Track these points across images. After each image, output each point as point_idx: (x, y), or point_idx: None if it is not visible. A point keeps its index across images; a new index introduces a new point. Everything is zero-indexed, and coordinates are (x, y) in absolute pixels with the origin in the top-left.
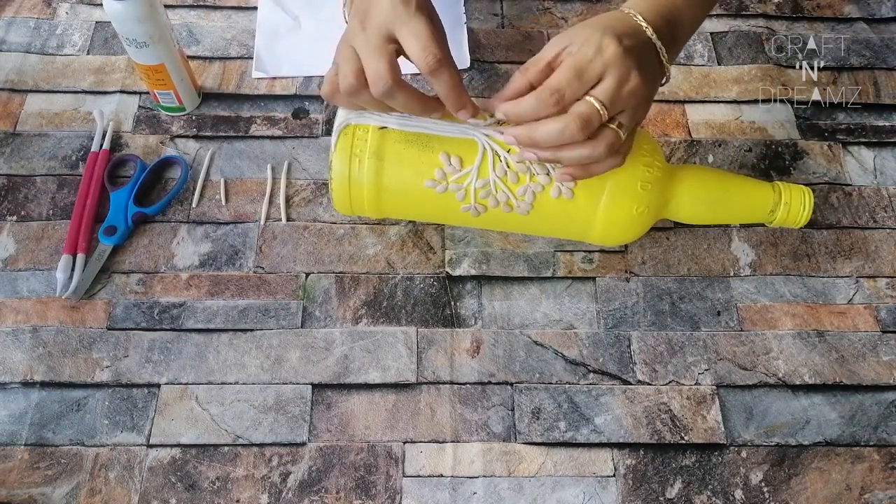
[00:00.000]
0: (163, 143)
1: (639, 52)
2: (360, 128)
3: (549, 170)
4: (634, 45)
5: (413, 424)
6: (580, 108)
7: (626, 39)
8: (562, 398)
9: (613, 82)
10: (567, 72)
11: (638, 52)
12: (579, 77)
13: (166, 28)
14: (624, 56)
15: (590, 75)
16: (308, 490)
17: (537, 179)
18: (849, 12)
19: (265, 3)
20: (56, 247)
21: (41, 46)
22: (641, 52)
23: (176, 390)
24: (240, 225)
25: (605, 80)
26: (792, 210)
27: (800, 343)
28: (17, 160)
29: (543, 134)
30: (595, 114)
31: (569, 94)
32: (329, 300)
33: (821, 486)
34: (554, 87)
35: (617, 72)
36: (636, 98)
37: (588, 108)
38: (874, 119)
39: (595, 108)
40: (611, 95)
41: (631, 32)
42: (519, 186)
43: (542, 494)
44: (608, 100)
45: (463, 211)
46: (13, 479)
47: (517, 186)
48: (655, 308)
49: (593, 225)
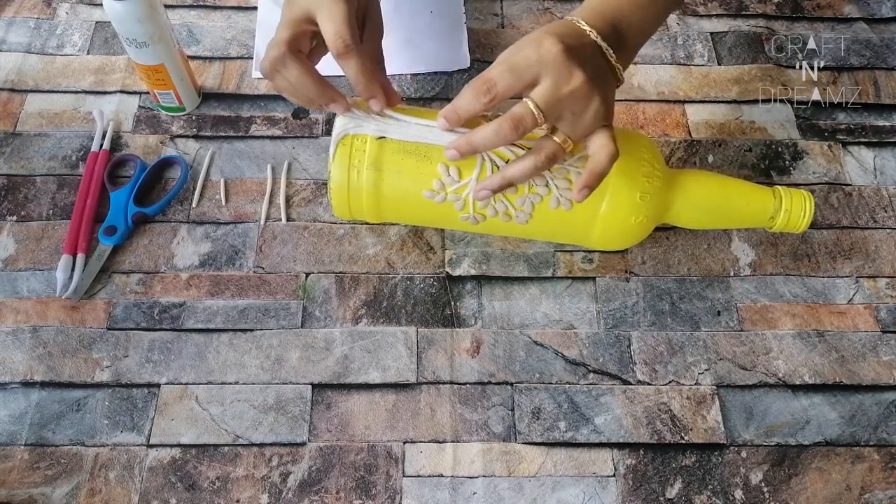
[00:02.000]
0: (163, 143)
1: (581, 53)
2: (358, 138)
3: (548, 180)
4: (576, 45)
5: (413, 424)
6: (513, 109)
7: (567, 39)
8: (562, 398)
9: (550, 83)
10: (501, 65)
11: (580, 53)
12: (512, 71)
13: (166, 28)
14: (564, 56)
15: (525, 73)
16: (308, 490)
17: (536, 190)
18: (849, 12)
19: (265, 3)
20: (56, 247)
21: (41, 46)
22: (584, 52)
23: (176, 390)
24: (240, 225)
25: (542, 81)
26: (792, 216)
27: (800, 343)
28: (17, 160)
29: (480, 137)
30: (528, 113)
31: (501, 87)
32: (329, 300)
33: (821, 486)
34: (486, 77)
35: (555, 73)
36: (578, 100)
37: (521, 108)
38: (874, 119)
39: (528, 108)
40: (547, 97)
41: (573, 34)
42: (518, 197)
43: (542, 494)
44: (544, 101)
45: (462, 220)
46: (13, 479)
47: (516, 197)
48: (655, 308)
49: (592, 233)
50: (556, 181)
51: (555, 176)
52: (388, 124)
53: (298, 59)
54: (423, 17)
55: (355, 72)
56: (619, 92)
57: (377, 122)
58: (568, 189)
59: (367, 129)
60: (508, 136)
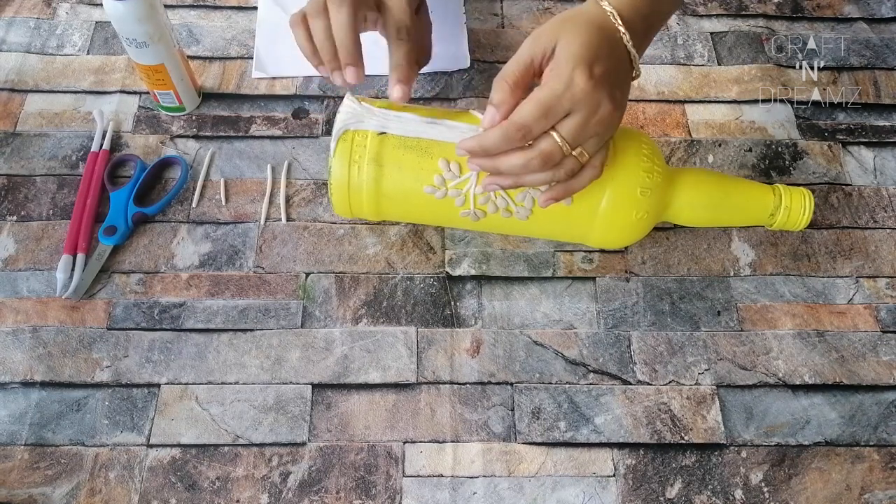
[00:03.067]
0: (163, 143)
1: (610, 77)
2: (358, 133)
3: None
4: (606, 70)
5: (413, 424)
6: (543, 146)
7: (597, 66)
8: (562, 398)
9: (580, 119)
10: (535, 108)
11: (609, 78)
12: (546, 115)
13: (166, 28)
14: (594, 90)
15: (557, 112)
16: (308, 490)
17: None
18: (849, 12)
19: (265, 3)
20: (56, 247)
21: (41, 46)
22: (613, 74)
23: (176, 390)
24: (240, 225)
25: (572, 116)
26: (792, 213)
27: (800, 343)
28: (17, 160)
29: (507, 166)
30: (557, 151)
31: (535, 130)
32: (329, 300)
33: (821, 486)
34: (521, 123)
35: (585, 109)
36: (604, 126)
37: (551, 146)
38: (874, 119)
39: (557, 146)
40: (575, 132)
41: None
42: (518, 192)
43: (542, 494)
44: (571, 136)
45: (462, 216)
46: (13, 479)
47: (516, 192)
48: (655, 308)
49: (592, 230)
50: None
51: None
52: (390, 120)
53: (355, 9)
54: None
55: (404, 56)
56: None
57: (378, 118)
58: None
59: (368, 125)
60: (535, 170)
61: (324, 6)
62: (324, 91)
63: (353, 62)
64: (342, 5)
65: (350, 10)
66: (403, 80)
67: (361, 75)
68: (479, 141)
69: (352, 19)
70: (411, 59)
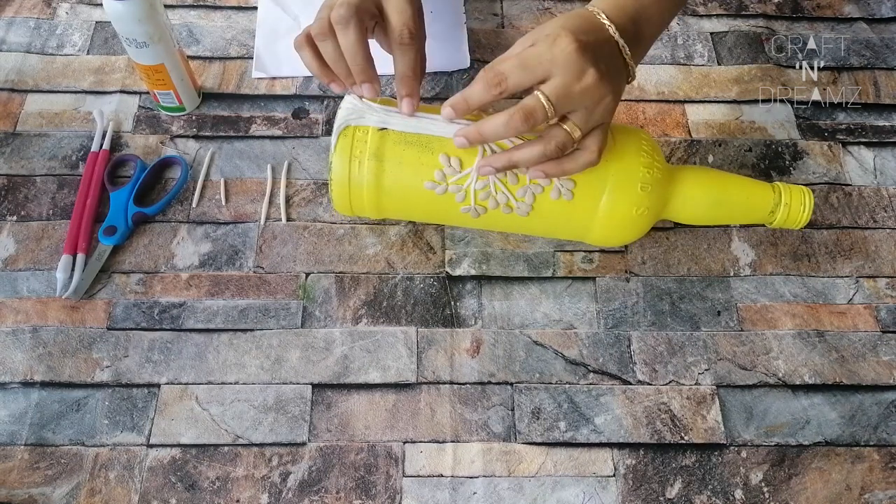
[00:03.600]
0: (163, 143)
1: (596, 50)
2: (359, 129)
3: None
4: (592, 41)
5: (413, 424)
6: (524, 101)
7: (583, 35)
8: (562, 398)
9: (561, 80)
10: (513, 60)
11: (595, 50)
12: (524, 66)
13: (166, 28)
14: (577, 53)
15: (537, 70)
16: (308, 490)
17: (537, 181)
18: (849, 12)
19: (265, 3)
20: (56, 247)
21: (41, 46)
22: (600, 49)
23: (176, 390)
24: (240, 225)
25: (554, 77)
26: (792, 211)
27: (800, 343)
28: (17, 160)
29: (490, 127)
30: (539, 107)
31: (511, 82)
32: (329, 300)
33: (821, 486)
34: (497, 69)
35: (567, 69)
36: (590, 96)
37: (532, 101)
38: (874, 119)
39: (540, 102)
40: (558, 92)
41: (591, 29)
42: (519, 188)
43: (542, 494)
44: (554, 96)
45: (463, 212)
46: (13, 479)
47: (517, 187)
48: (655, 308)
49: (593, 226)
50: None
51: None
52: (391, 116)
53: (362, 26)
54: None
55: (410, 65)
56: None
57: (379, 114)
58: (569, 179)
59: (369, 121)
60: (519, 127)
61: (329, 27)
62: (324, 91)
63: (367, 79)
64: (348, 26)
65: (357, 30)
66: (412, 93)
67: (378, 89)
68: (462, 94)
69: (360, 38)
70: (416, 68)
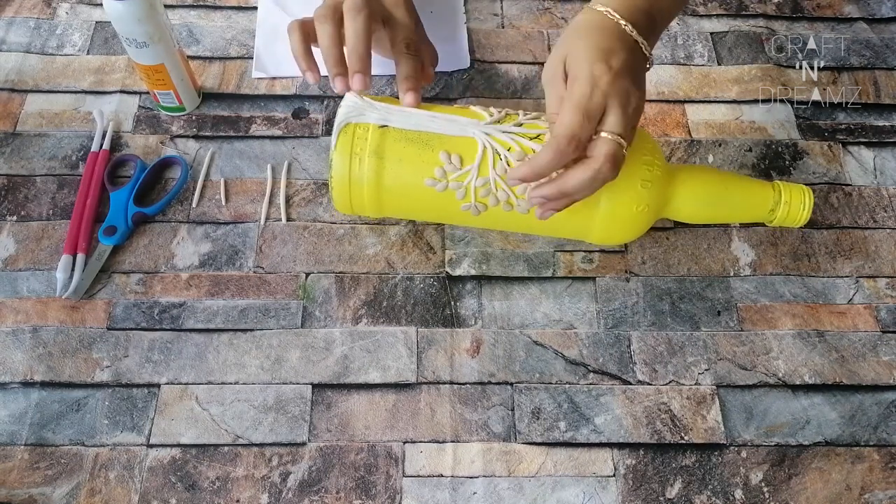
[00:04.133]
0: (163, 143)
1: (628, 66)
2: (360, 126)
3: None
4: (623, 60)
5: (413, 424)
6: (605, 149)
7: (613, 59)
8: (562, 398)
9: (619, 111)
10: (574, 114)
11: (628, 67)
12: (586, 116)
13: (166, 28)
14: (618, 80)
15: (594, 111)
16: (308, 490)
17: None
18: (849, 12)
19: (265, 3)
20: (56, 247)
21: (41, 46)
22: (630, 63)
23: (176, 390)
24: (240, 225)
25: (610, 112)
26: (792, 209)
27: (800, 343)
28: (17, 160)
29: (575, 184)
30: (619, 149)
31: (583, 136)
32: (329, 300)
33: (821, 486)
34: (568, 133)
35: (618, 100)
36: (638, 115)
37: (612, 147)
38: (874, 119)
39: (617, 144)
40: (622, 125)
41: (614, 46)
42: (519, 185)
43: (542, 494)
44: (622, 129)
45: (463, 210)
46: (13, 479)
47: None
48: (655, 308)
49: (593, 223)
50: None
51: None
52: (391, 113)
53: (371, 20)
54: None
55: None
56: None
57: (380, 112)
58: None
59: (369, 118)
60: (608, 177)
61: (333, 13)
62: (324, 91)
63: (362, 70)
64: (359, 14)
65: (366, 19)
66: (414, 88)
67: (368, 83)
68: (531, 165)
69: (367, 27)
70: (419, 70)
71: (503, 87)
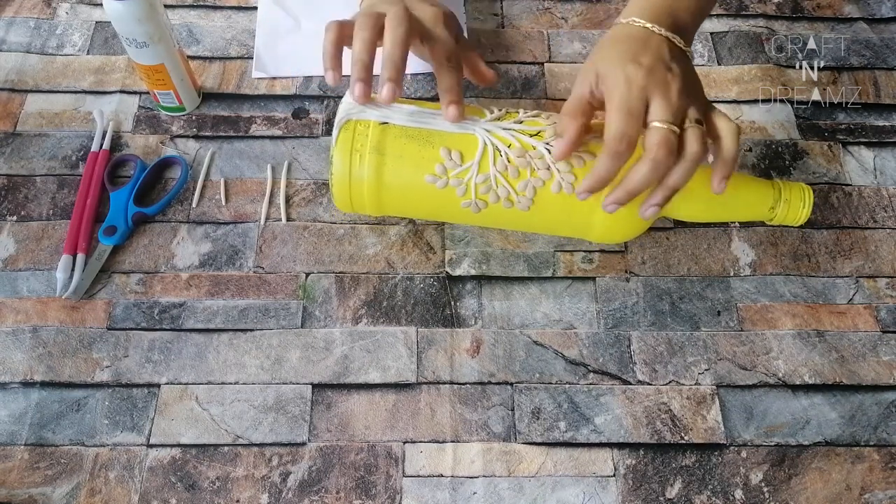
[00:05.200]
0: (163, 143)
1: (660, 59)
2: (360, 123)
3: (550, 164)
4: (653, 55)
5: (413, 424)
6: (655, 138)
7: (643, 57)
8: (562, 398)
9: (660, 100)
10: (618, 115)
11: (660, 60)
12: (630, 114)
13: (166, 28)
14: (652, 73)
15: (636, 107)
16: (308, 490)
17: (538, 174)
18: (849, 12)
19: (265, 3)
20: (56, 247)
21: (41, 46)
22: (661, 57)
23: (176, 390)
24: (240, 225)
25: (653, 102)
26: (792, 207)
27: (800, 343)
28: (17, 160)
29: (638, 182)
30: (667, 133)
31: (632, 132)
32: (329, 300)
33: (821, 486)
34: (616, 133)
35: (657, 89)
36: (687, 93)
37: (661, 134)
38: (874, 119)
39: (664, 129)
40: (667, 110)
41: (643, 46)
42: (520, 181)
43: (542, 494)
44: (669, 115)
45: (463, 207)
46: (13, 479)
47: (518, 181)
48: (655, 308)
49: (594, 220)
50: (558, 165)
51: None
52: (392, 110)
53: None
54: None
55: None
56: None
57: (380, 109)
58: (570, 173)
59: (370, 115)
60: (665, 163)
61: (375, 22)
62: (324, 91)
63: (396, 78)
64: (400, 25)
65: (406, 31)
66: (457, 100)
67: (399, 93)
68: (593, 175)
69: (406, 39)
70: (461, 83)
71: (503, 87)
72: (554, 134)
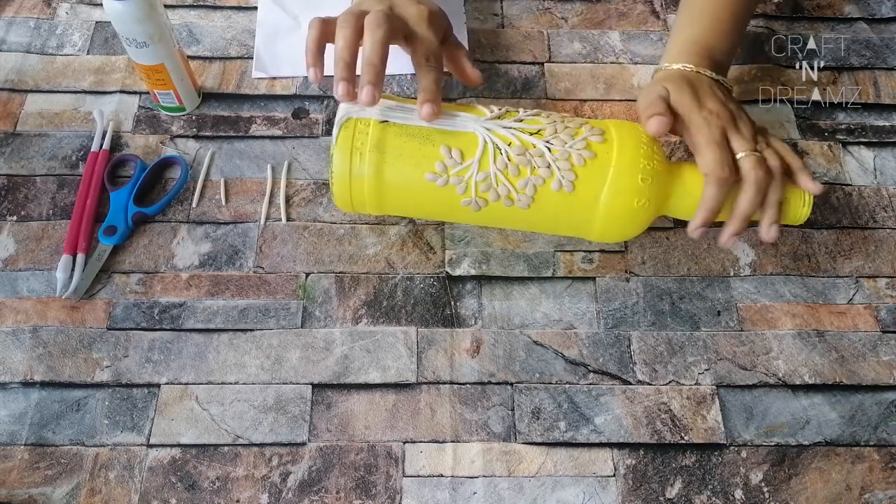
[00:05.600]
0: (163, 143)
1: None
2: (361, 121)
3: (550, 162)
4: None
5: (413, 424)
6: (747, 164)
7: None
8: (562, 398)
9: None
10: (711, 147)
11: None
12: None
13: (166, 28)
14: (719, 115)
15: (722, 140)
16: (308, 490)
17: (538, 172)
18: (849, 12)
19: (265, 3)
20: (56, 247)
21: (41, 46)
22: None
23: (176, 390)
24: (240, 225)
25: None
26: (792, 205)
27: (800, 343)
28: (17, 160)
29: (747, 205)
30: (757, 158)
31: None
32: (329, 300)
33: (821, 486)
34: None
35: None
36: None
37: (751, 159)
38: (874, 119)
39: (752, 155)
40: (745, 141)
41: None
42: (520, 179)
43: (542, 494)
44: (747, 145)
45: (464, 205)
46: (13, 479)
47: (518, 179)
48: (655, 308)
49: (594, 218)
50: (558, 163)
51: (557, 157)
52: (392, 109)
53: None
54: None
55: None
56: (619, 92)
57: (381, 107)
58: (570, 171)
59: (370, 113)
60: (767, 180)
61: (356, 20)
62: (324, 91)
63: (375, 82)
64: (379, 27)
65: (386, 33)
66: (433, 99)
67: (378, 96)
68: (704, 208)
69: (386, 41)
70: (439, 83)
71: (503, 87)
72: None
